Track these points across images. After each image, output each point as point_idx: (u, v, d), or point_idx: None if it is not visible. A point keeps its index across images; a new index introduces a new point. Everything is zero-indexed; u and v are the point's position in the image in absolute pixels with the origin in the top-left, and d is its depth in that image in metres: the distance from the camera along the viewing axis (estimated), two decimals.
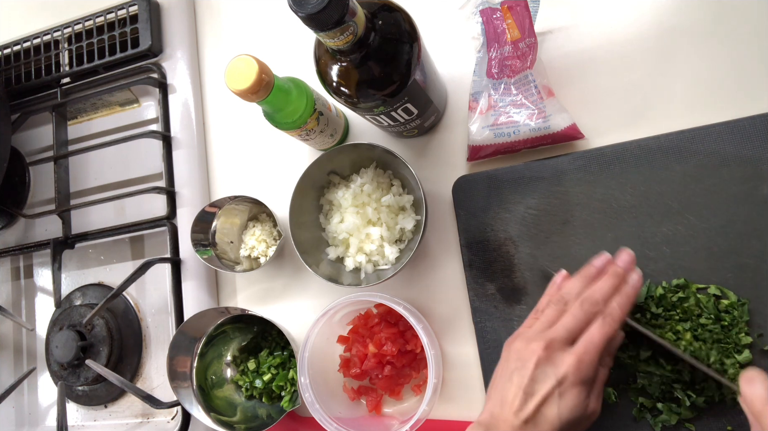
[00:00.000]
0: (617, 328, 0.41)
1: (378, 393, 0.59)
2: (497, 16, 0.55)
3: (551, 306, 0.43)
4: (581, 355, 0.39)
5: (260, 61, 0.48)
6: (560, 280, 0.47)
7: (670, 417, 0.48)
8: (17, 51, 0.81)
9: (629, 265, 0.44)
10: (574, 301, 0.43)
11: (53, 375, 0.74)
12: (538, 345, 0.40)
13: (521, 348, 0.41)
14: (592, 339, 0.40)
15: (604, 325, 0.41)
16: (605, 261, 0.45)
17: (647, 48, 0.55)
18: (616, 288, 0.43)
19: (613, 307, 0.41)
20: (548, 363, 0.40)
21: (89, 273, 0.77)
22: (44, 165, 0.80)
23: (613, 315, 0.41)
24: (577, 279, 0.45)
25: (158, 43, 0.75)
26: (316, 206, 0.62)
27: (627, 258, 0.45)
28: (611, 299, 0.42)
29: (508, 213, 0.57)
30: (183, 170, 0.71)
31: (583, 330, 0.41)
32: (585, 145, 0.57)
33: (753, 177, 0.49)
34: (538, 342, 0.41)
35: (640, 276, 0.44)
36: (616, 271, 0.44)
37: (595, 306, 0.41)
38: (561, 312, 0.43)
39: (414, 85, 0.48)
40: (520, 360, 0.41)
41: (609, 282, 0.43)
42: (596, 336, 0.40)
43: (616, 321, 0.41)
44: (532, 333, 0.42)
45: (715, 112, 0.52)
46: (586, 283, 0.44)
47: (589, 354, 0.40)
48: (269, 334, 0.67)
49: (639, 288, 0.43)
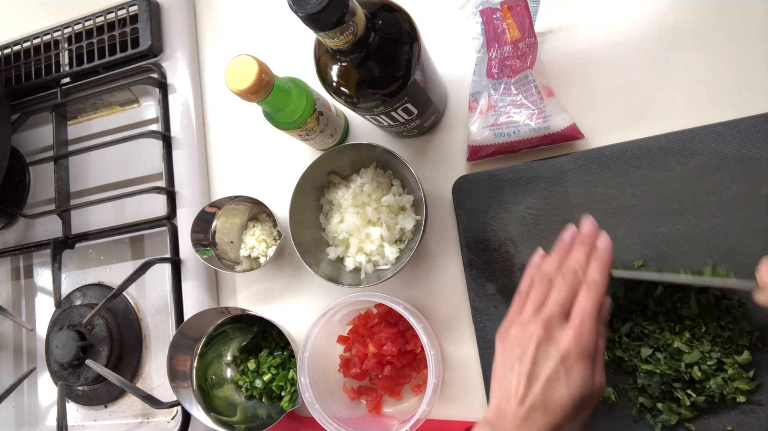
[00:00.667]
0: (603, 292, 0.41)
1: (378, 393, 0.59)
2: (497, 16, 0.55)
3: (536, 287, 0.44)
4: (579, 326, 0.39)
5: (260, 61, 0.48)
6: (538, 259, 0.47)
7: (670, 417, 0.48)
8: (17, 51, 0.81)
9: (593, 231, 0.45)
10: (557, 276, 0.43)
11: (53, 375, 0.74)
12: (536, 326, 0.40)
13: (518, 334, 0.41)
14: (584, 308, 0.40)
15: (590, 292, 0.41)
16: (573, 234, 0.46)
17: (647, 48, 0.55)
18: (589, 255, 0.43)
19: (592, 273, 0.42)
20: (549, 342, 0.39)
21: (89, 273, 0.77)
22: (44, 165, 0.80)
23: (594, 279, 0.41)
24: (554, 256, 0.45)
25: (158, 43, 0.75)
26: (316, 206, 0.62)
27: (589, 224, 0.45)
28: (588, 266, 0.43)
29: (508, 213, 0.57)
30: (183, 170, 0.71)
31: (573, 303, 0.41)
32: (585, 145, 0.57)
33: (753, 177, 0.49)
34: (534, 323, 0.40)
35: (607, 238, 0.44)
36: (583, 239, 0.44)
37: (576, 276, 0.42)
38: (547, 289, 0.43)
39: (414, 85, 0.48)
40: (520, 346, 0.40)
41: (581, 250, 0.43)
42: (586, 305, 0.40)
43: (599, 284, 0.41)
44: (525, 317, 0.42)
45: (715, 112, 0.52)
46: (562, 257, 0.44)
47: (586, 323, 0.39)
48: (269, 334, 0.67)
49: (609, 249, 0.43)
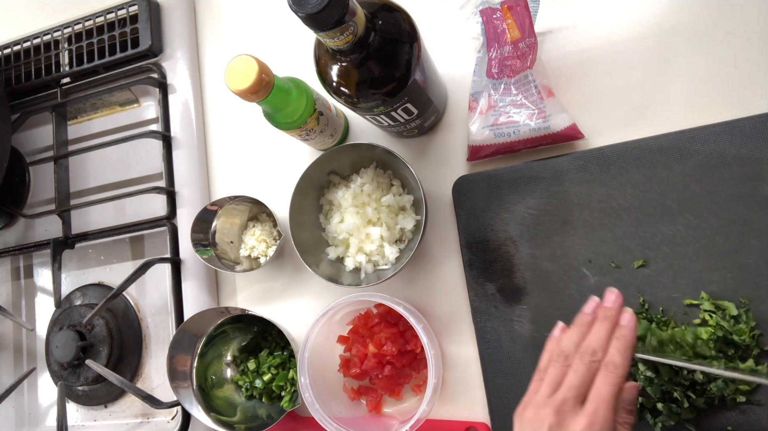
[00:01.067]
0: (623, 374, 0.39)
1: (378, 393, 0.59)
2: (497, 16, 0.55)
3: (553, 365, 0.42)
4: (592, 415, 0.38)
5: (260, 61, 0.48)
6: (558, 333, 0.45)
7: (670, 418, 0.48)
8: (17, 51, 0.81)
9: (618, 305, 0.43)
10: (575, 355, 0.41)
11: (53, 375, 0.74)
12: (548, 411, 0.39)
13: (532, 417, 0.40)
14: (600, 394, 0.38)
15: (608, 376, 0.39)
16: (595, 305, 0.44)
17: (647, 48, 0.55)
18: (611, 332, 0.41)
19: (612, 354, 0.40)
20: (560, 429, 0.38)
21: (89, 273, 0.77)
22: (44, 165, 0.80)
23: (614, 362, 0.39)
24: (573, 330, 0.43)
25: (158, 43, 0.75)
26: (316, 206, 0.62)
27: (613, 298, 0.43)
28: (609, 345, 0.41)
29: (508, 213, 0.57)
30: (183, 170, 0.71)
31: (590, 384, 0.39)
32: (585, 145, 0.57)
33: (753, 177, 0.49)
34: (547, 408, 0.39)
35: (631, 314, 0.42)
36: (606, 315, 0.42)
37: (595, 356, 0.40)
38: (564, 368, 0.41)
39: (414, 85, 0.48)
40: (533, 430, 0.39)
41: (603, 327, 0.42)
42: (603, 391, 0.38)
43: (618, 368, 0.39)
44: (539, 398, 0.41)
45: (715, 112, 0.52)
46: (583, 332, 0.43)
47: (600, 412, 0.37)
48: (269, 334, 0.67)
49: (634, 328, 0.42)
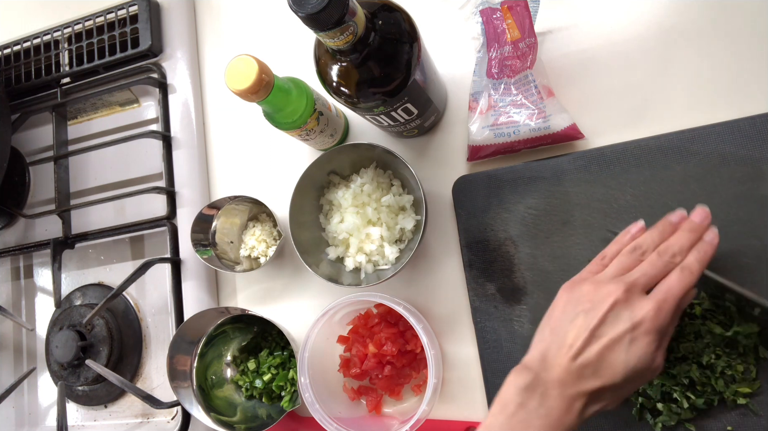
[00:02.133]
0: (695, 282, 0.39)
1: (378, 393, 0.59)
2: (497, 16, 0.55)
3: (626, 254, 0.41)
4: (661, 303, 0.37)
5: (260, 61, 0.48)
6: (635, 230, 0.45)
7: (670, 418, 0.48)
8: (17, 51, 0.81)
9: (705, 221, 0.43)
10: (651, 251, 0.41)
11: (53, 375, 0.74)
12: (617, 287, 0.38)
13: (592, 291, 0.39)
14: (672, 288, 0.38)
15: (684, 276, 0.39)
16: (681, 217, 0.44)
17: (647, 48, 0.55)
18: (693, 243, 0.41)
19: (690, 260, 0.40)
20: (625, 306, 0.37)
21: (89, 273, 0.77)
22: (44, 165, 0.80)
23: (691, 268, 0.39)
24: (654, 231, 0.43)
25: (158, 43, 0.75)
26: (316, 206, 0.62)
27: (703, 214, 0.43)
28: (689, 253, 0.40)
29: (508, 213, 0.57)
30: (183, 170, 0.71)
31: (660, 280, 0.39)
32: (585, 145, 0.57)
33: (753, 177, 0.49)
34: (616, 284, 0.38)
35: (716, 234, 0.42)
36: (692, 226, 0.42)
37: (674, 258, 0.40)
38: (637, 260, 0.41)
39: (414, 85, 0.48)
40: (591, 302, 0.38)
41: (687, 236, 0.41)
42: (675, 286, 0.38)
43: (694, 274, 0.39)
44: (603, 276, 0.40)
45: (715, 112, 0.52)
46: (663, 236, 0.42)
47: (668, 302, 0.38)
48: (269, 334, 0.67)
49: (716, 245, 0.41)
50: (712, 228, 0.42)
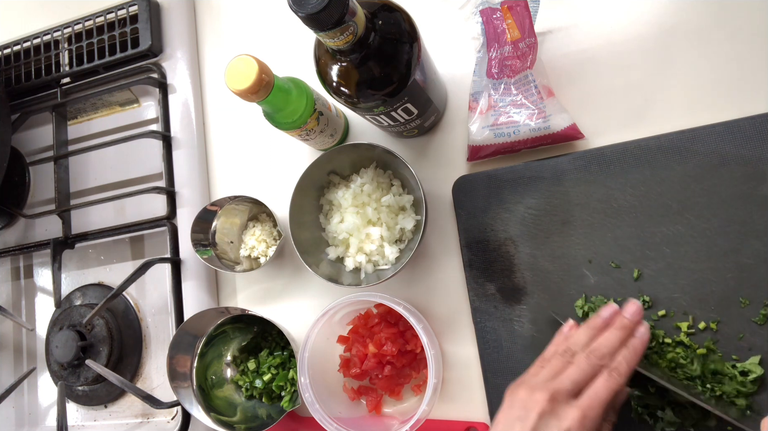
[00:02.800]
0: (624, 383, 0.40)
1: (378, 393, 0.59)
2: (497, 16, 0.55)
3: (557, 357, 0.43)
4: (586, 410, 0.38)
5: (260, 61, 0.48)
6: (567, 330, 0.46)
7: (670, 418, 0.48)
8: (17, 51, 0.81)
9: (637, 317, 0.44)
10: (581, 353, 0.42)
11: (53, 375, 0.74)
12: (542, 395, 0.39)
13: (525, 398, 0.40)
14: (597, 393, 0.39)
15: (610, 380, 0.40)
16: (613, 313, 0.45)
17: (647, 48, 0.55)
18: (623, 341, 0.42)
19: (619, 361, 0.41)
20: (552, 415, 0.39)
21: (89, 273, 0.77)
22: (44, 165, 0.80)
23: (619, 369, 0.40)
24: (584, 330, 0.44)
25: (158, 43, 0.75)
26: (316, 206, 0.62)
27: (634, 309, 0.44)
28: (618, 352, 0.41)
29: (508, 213, 0.57)
30: (183, 170, 0.71)
31: (588, 383, 0.40)
32: (585, 145, 0.57)
33: (753, 177, 0.49)
34: (542, 392, 0.40)
35: (647, 329, 0.43)
36: (623, 323, 0.43)
37: (602, 360, 0.41)
38: (567, 363, 0.42)
39: (414, 85, 0.48)
40: (524, 409, 0.40)
41: (616, 335, 0.42)
42: (601, 391, 0.39)
43: (622, 375, 0.40)
44: (537, 381, 0.41)
45: (715, 112, 0.52)
46: (594, 334, 0.43)
47: (594, 409, 0.39)
48: (269, 334, 0.67)
49: (646, 342, 0.42)
50: (643, 323, 0.43)
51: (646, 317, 0.50)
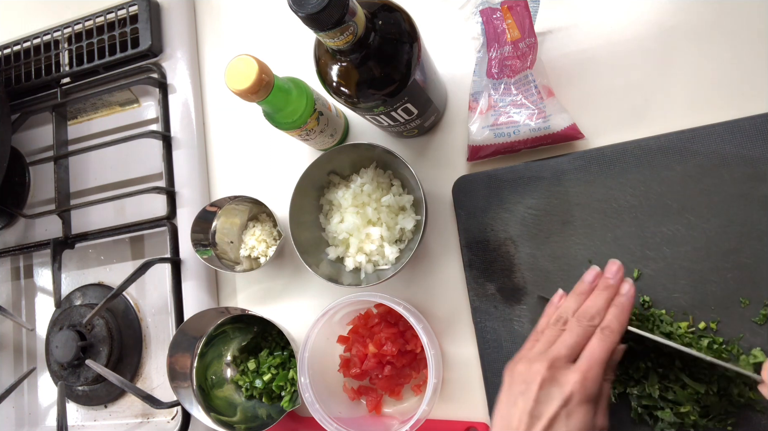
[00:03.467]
0: (617, 340, 0.41)
1: (378, 393, 0.59)
2: (497, 16, 0.55)
3: (550, 327, 0.43)
4: (585, 372, 0.39)
5: (260, 61, 0.48)
6: (557, 300, 0.47)
7: (669, 418, 0.48)
8: (17, 51, 0.81)
9: (618, 275, 0.44)
10: (572, 318, 0.43)
11: (53, 375, 0.74)
12: (541, 365, 0.40)
13: (523, 370, 0.41)
14: (594, 354, 0.40)
15: (604, 338, 0.40)
16: (595, 275, 0.46)
17: (647, 48, 0.55)
18: (610, 301, 0.43)
19: (609, 319, 0.41)
20: (553, 383, 0.39)
21: (89, 273, 0.77)
22: (44, 165, 0.80)
23: (611, 327, 0.41)
24: (572, 297, 0.45)
25: (158, 43, 0.75)
26: (316, 206, 0.62)
27: (614, 268, 0.45)
28: (607, 312, 0.42)
29: (508, 213, 0.57)
30: (183, 170, 0.71)
31: (584, 346, 0.41)
32: (585, 145, 0.57)
33: (753, 177, 0.49)
34: (540, 362, 0.40)
35: (631, 285, 0.43)
36: (606, 283, 0.44)
37: (592, 321, 0.42)
38: (560, 331, 0.42)
39: (414, 85, 0.48)
40: (524, 382, 0.40)
41: (602, 296, 0.43)
42: (597, 351, 0.40)
43: (614, 332, 0.41)
44: (533, 354, 0.42)
45: (715, 112, 0.52)
46: (581, 299, 0.44)
47: (593, 370, 0.39)
48: (269, 334, 0.67)
49: (633, 297, 0.43)
50: (626, 280, 0.44)
51: (646, 317, 0.51)
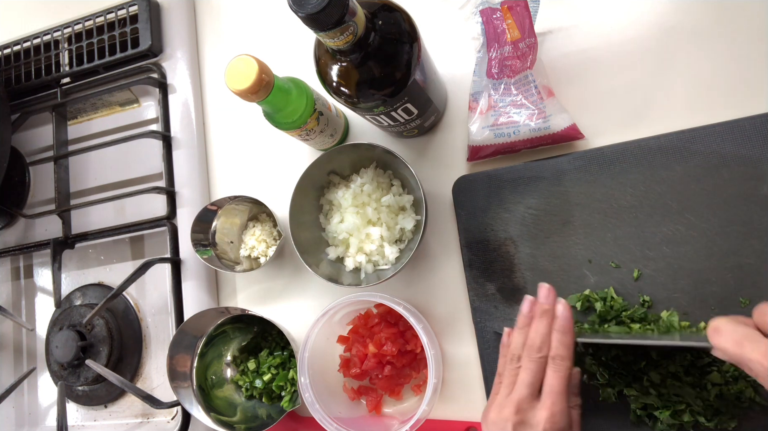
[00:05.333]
0: (570, 365, 0.42)
1: (378, 393, 0.59)
2: (497, 16, 0.55)
3: (507, 368, 0.45)
4: (551, 407, 0.40)
5: (260, 61, 0.48)
6: (506, 338, 0.48)
7: (669, 418, 0.48)
8: (17, 51, 0.81)
9: (550, 298, 0.45)
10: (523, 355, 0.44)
11: (53, 375, 0.74)
12: (509, 410, 0.41)
13: (495, 418, 0.42)
14: (553, 387, 0.41)
15: (557, 368, 0.41)
16: (530, 304, 0.46)
17: (647, 48, 0.55)
18: (550, 326, 0.43)
19: (555, 347, 0.42)
20: (524, 426, 0.41)
21: (89, 273, 0.77)
22: (44, 165, 0.80)
23: (560, 354, 0.42)
24: (516, 332, 0.46)
25: (158, 43, 0.75)
26: (316, 206, 0.62)
27: (545, 292, 0.45)
28: (551, 339, 0.43)
29: (508, 213, 0.57)
30: (183, 170, 0.71)
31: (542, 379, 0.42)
32: (585, 145, 0.57)
33: (753, 177, 0.49)
34: (508, 407, 0.42)
35: (565, 305, 0.44)
36: (542, 310, 0.44)
37: (540, 352, 0.42)
38: (517, 369, 0.43)
39: (414, 85, 0.48)
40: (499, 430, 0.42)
41: (542, 323, 0.44)
42: (555, 383, 0.41)
43: (564, 359, 0.42)
44: (500, 399, 0.43)
45: (715, 112, 0.52)
46: (525, 332, 0.45)
47: (557, 404, 0.40)
48: (269, 334, 0.67)
49: (570, 318, 0.43)
50: (559, 301, 0.44)
51: (646, 317, 0.51)
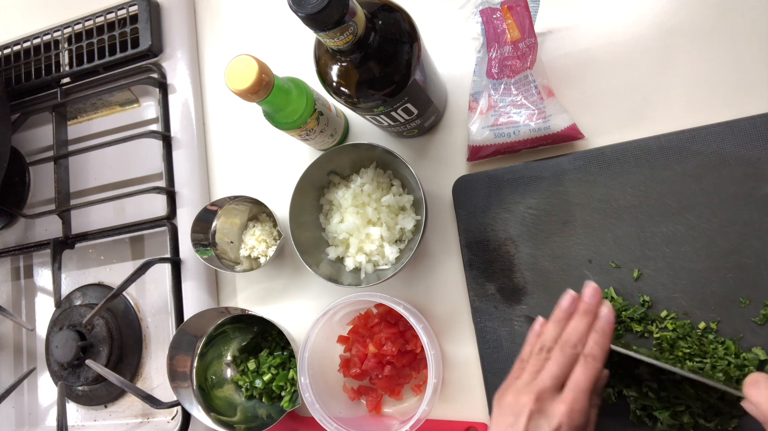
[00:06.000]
0: (601, 367, 0.41)
1: (378, 393, 0.59)
2: (497, 16, 0.55)
3: (534, 356, 0.44)
4: (572, 403, 0.39)
5: (260, 61, 0.48)
6: (538, 327, 0.47)
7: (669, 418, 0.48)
8: (17, 51, 0.81)
9: (596, 299, 0.44)
10: (555, 347, 0.43)
11: (53, 375, 0.74)
12: (529, 398, 0.40)
13: (512, 402, 0.41)
14: (579, 384, 0.40)
15: (588, 367, 0.41)
16: (571, 300, 0.45)
17: (647, 48, 0.55)
18: (590, 325, 0.43)
19: (591, 346, 0.42)
20: (541, 415, 0.40)
21: (89, 273, 0.77)
22: (44, 165, 0.80)
23: (593, 354, 0.41)
24: (552, 324, 0.45)
25: (158, 43, 0.75)
26: (316, 206, 0.62)
27: (591, 292, 0.44)
28: (588, 337, 0.42)
29: (508, 213, 0.57)
30: (183, 170, 0.71)
31: (569, 374, 0.41)
32: (585, 145, 0.57)
33: (753, 177, 0.49)
34: (528, 394, 0.41)
35: (610, 308, 0.43)
36: (585, 309, 0.44)
37: (575, 348, 0.42)
38: (544, 360, 0.43)
39: (414, 85, 0.48)
40: (513, 414, 0.41)
41: (582, 321, 0.43)
42: (582, 381, 0.40)
43: (597, 359, 0.41)
44: (520, 384, 0.42)
45: (715, 112, 0.52)
46: (561, 326, 0.44)
47: (579, 401, 0.40)
48: (269, 334, 0.67)
49: (612, 321, 0.43)
50: (604, 303, 0.44)
51: (646, 317, 0.51)
